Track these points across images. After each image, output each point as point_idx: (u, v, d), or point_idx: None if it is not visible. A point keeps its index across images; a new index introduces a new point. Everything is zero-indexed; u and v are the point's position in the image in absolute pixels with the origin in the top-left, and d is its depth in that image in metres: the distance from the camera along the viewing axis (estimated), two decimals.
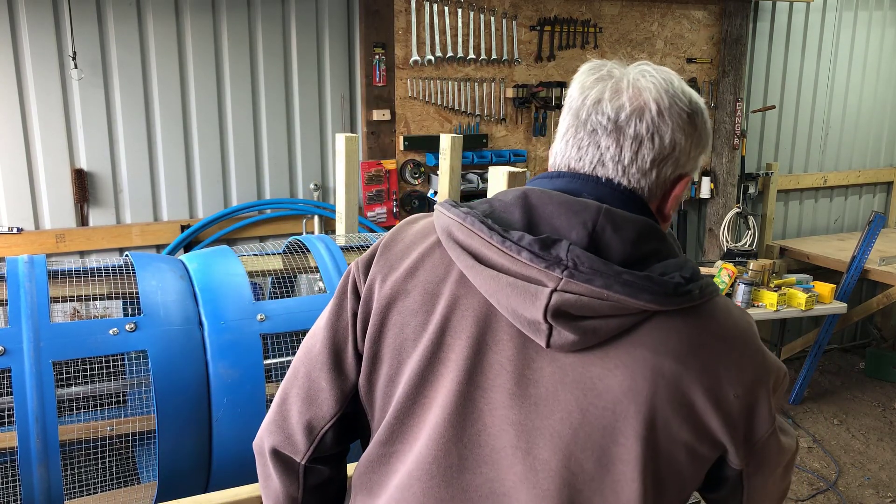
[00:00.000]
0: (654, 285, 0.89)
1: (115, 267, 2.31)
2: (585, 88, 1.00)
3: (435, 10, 3.67)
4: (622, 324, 0.91)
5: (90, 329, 2.06)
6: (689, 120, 0.97)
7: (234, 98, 3.44)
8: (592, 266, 0.89)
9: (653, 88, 0.96)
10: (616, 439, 0.92)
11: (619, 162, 0.96)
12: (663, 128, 0.96)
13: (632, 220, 0.93)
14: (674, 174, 0.99)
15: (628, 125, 0.95)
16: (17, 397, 1.90)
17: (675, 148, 0.97)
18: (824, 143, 5.15)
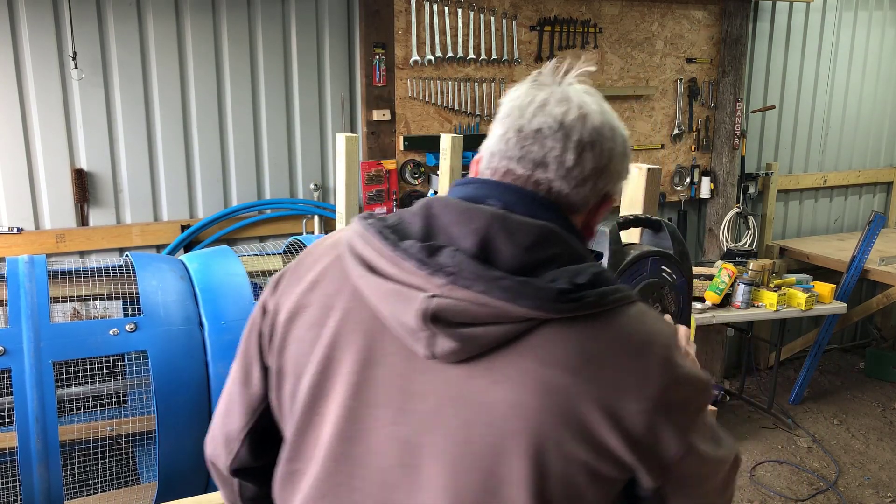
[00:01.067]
0: (534, 291, 0.86)
1: (115, 267, 2.31)
2: (531, 92, 0.99)
3: (435, 10, 3.67)
4: (507, 332, 0.87)
5: (90, 329, 2.06)
6: (621, 137, 0.99)
7: (234, 98, 3.44)
8: (473, 272, 0.87)
9: (593, 103, 0.98)
10: (502, 459, 0.87)
11: (563, 163, 0.95)
12: (604, 139, 0.96)
13: (529, 225, 0.91)
14: (604, 189, 0.99)
15: (573, 130, 0.95)
16: (17, 397, 1.90)
17: (612, 159, 0.98)
18: (824, 143, 5.15)
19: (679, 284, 1.55)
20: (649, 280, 1.51)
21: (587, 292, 0.87)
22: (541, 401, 0.86)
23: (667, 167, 4.53)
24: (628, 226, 1.57)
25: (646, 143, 4.41)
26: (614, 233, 1.48)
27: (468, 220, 0.91)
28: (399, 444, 0.92)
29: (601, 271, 0.92)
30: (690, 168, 4.58)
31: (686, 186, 4.60)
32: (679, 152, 4.55)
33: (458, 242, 0.90)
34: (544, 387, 0.86)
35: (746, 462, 3.93)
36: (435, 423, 0.90)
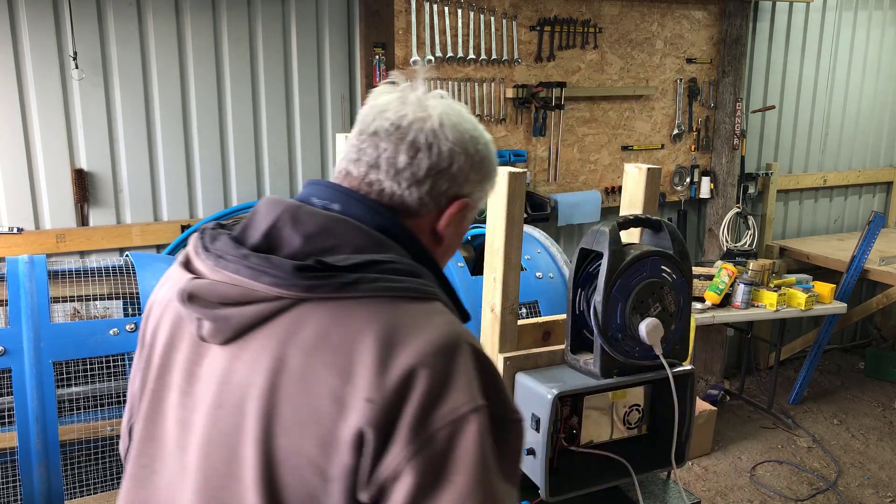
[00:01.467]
0: (274, 267, 0.85)
1: (116, 267, 2.31)
2: (376, 98, 1.03)
3: (435, 10, 3.67)
4: (258, 312, 0.86)
5: (90, 329, 2.06)
6: (471, 140, 0.98)
7: (234, 98, 3.44)
8: (231, 253, 0.88)
9: (439, 107, 0.98)
10: (241, 440, 0.85)
11: (394, 164, 0.95)
12: (442, 140, 0.96)
13: (316, 214, 0.91)
14: (450, 191, 0.98)
15: (409, 131, 0.95)
16: (17, 397, 1.90)
17: (453, 164, 0.96)
18: (824, 143, 5.15)
19: (679, 284, 1.55)
20: (649, 280, 1.51)
21: (338, 274, 0.84)
22: (272, 379, 0.83)
23: (667, 167, 4.53)
24: (628, 226, 1.57)
25: (646, 143, 4.41)
26: (614, 233, 1.48)
27: (268, 213, 0.92)
28: (179, 426, 0.94)
29: (388, 262, 0.88)
30: (690, 168, 4.58)
31: (686, 186, 4.60)
32: (679, 152, 4.55)
33: (253, 234, 0.91)
34: (278, 365, 0.83)
35: (746, 462, 3.93)
36: (202, 404, 0.91)
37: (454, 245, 1.06)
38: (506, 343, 1.63)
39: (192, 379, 0.94)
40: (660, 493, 1.71)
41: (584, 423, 1.60)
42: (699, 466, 3.88)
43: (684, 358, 1.61)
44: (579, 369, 1.58)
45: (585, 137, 4.22)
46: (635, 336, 1.50)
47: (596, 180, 4.31)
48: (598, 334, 1.49)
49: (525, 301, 2.53)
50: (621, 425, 1.66)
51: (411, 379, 0.80)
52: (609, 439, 1.65)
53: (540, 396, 1.51)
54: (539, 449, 1.51)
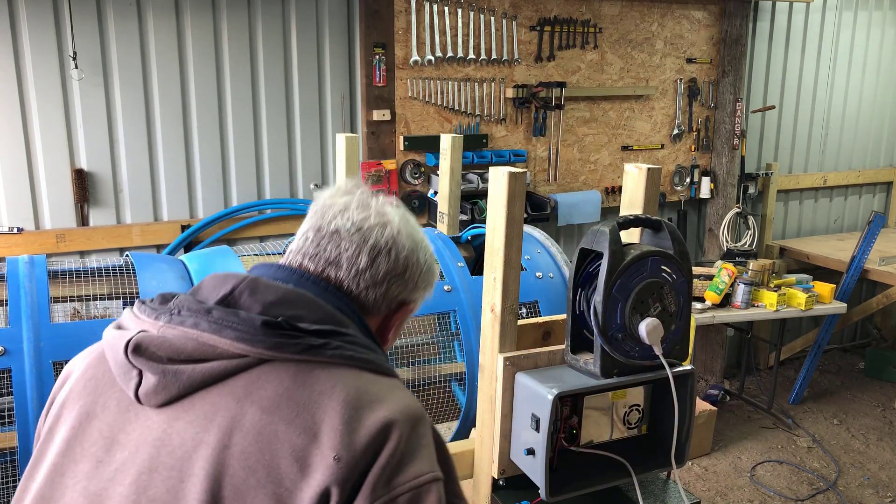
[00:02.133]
0: (239, 322, 0.84)
1: (116, 267, 2.31)
2: (334, 197, 1.03)
3: (435, 10, 3.67)
4: (214, 369, 0.83)
5: (90, 329, 2.06)
6: (422, 250, 1.04)
7: (234, 98, 3.44)
8: (189, 307, 0.87)
9: (397, 215, 1.02)
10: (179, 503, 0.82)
11: (355, 264, 0.97)
12: (401, 247, 1.00)
13: (278, 287, 0.91)
14: (400, 296, 1.02)
15: (370, 234, 0.98)
16: (17, 397, 1.90)
17: (408, 268, 1.01)
18: (824, 143, 5.15)
19: (679, 284, 1.55)
20: (649, 280, 1.50)
21: (305, 336, 0.85)
22: (225, 438, 0.81)
23: (667, 167, 4.53)
24: (628, 226, 1.56)
25: (646, 143, 4.42)
26: (614, 233, 1.48)
27: (223, 283, 0.92)
28: (87, 499, 0.88)
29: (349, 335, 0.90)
30: (690, 168, 4.58)
31: (686, 186, 4.60)
32: (679, 152, 4.55)
33: (207, 300, 0.90)
34: (233, 423, 0.81)
35: (746, 462, 3.93)
36: (125, 471, 0.86)
37: (390, 345, 1.10)
38: (506, 343, 1.63)
39: (112, 447, 0.88)
40: (660, 493, 1.71)
41: (584, 423, 1.60)
42: (699, 466, 3.88)
43: (684, 358, 1.61)
44: (579, 369, 1.58)
45: (585, 137, 4.22)
46: (635, 336, 1.50)
47: (596, 180, 4.31)
48: (598, 334, 1.49)
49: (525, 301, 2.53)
50: (621, 425, 1.66)
51: (380, 440, 0.82)
52: (609, 439, 1.65)
53: (540, 396, 1.51)
54: (539, 449, 1.51)
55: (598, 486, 1.61)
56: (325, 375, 0.85)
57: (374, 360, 0.91)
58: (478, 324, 2.31)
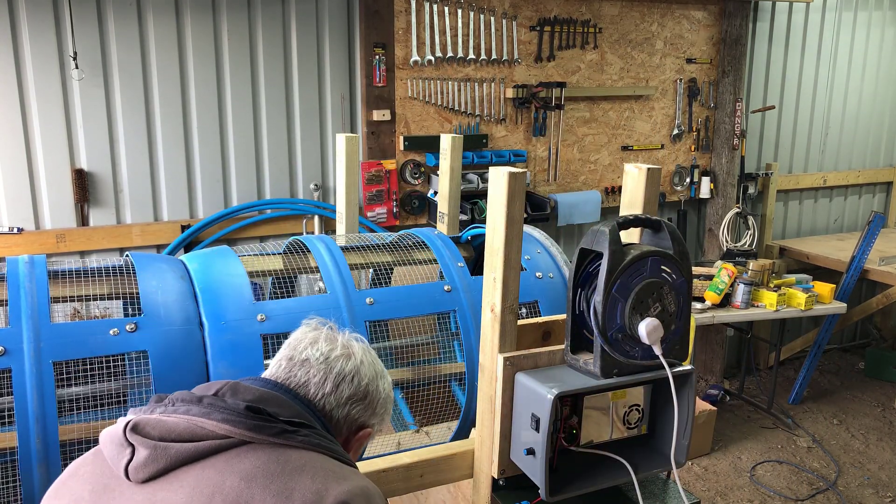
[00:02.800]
0: (226, 406, 0.99)
1: (116, 267, 2.31)
2: (306, 332, 1.20)
3: (435, 10, 3.67)
4: (199, 447, 0.96)
5: (90, 329, 2.06)
6: (381, 379, 1.21)
7: (234, 98, 3.44)
8: (183, 399, 1.03)
9: (359, 348, 1.20)
10: None
11: (321, 388, 1.13)
12: (363, 375, 1.17)
13: (257, 390, 1.07)
14: (360, 419, 1.18)
15: (336, 363, 1.15)
16: (17, 397, 1.90)
17: (368, 395, 1.17)
18: (824, 143, 5.15)
19: (679, 284, 1.55)
20: (649, 280, 1.50)
21: (281, 423, 1.00)
22: (209, 501, 0.93)
23: (667, 167, 4.53)
24: (628, 226, 1.56)
25: (646, 143, 4.42)
26: (614, 233, 1.48)
27: (207, 388, 1.07)
28: None
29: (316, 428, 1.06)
30: (690, 168, 4.58)
31: (686, 186, 4.60)
32: (679, 152, 4.55)
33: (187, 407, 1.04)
34: (214, 490, 0.93)
35: (746, 462, 3.93)
36: None
37: None
38: (506, 343, 1.63)
39: None
40: (659, 493, 1.71)
41: (584, 423, 1.60)
42: (699, 466, 3.89)
43: (684, 358, 1.60)
44: (579, 369, 1.58)
45: (585, 137, 4.22)
46: (635, 336, 1.50)
47: (596, 180, 4.31)
48: (598, 334, 1.49)
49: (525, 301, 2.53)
50: (621, 425, 1.66)
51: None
52: (609, 439, 1.65)
53: (540, 396, 1.50)
54: (539, 449, 1.51)
55: (598, 487, 1.61)
56: (297, 456, 0.99)
57: (338, 451, 1.07)
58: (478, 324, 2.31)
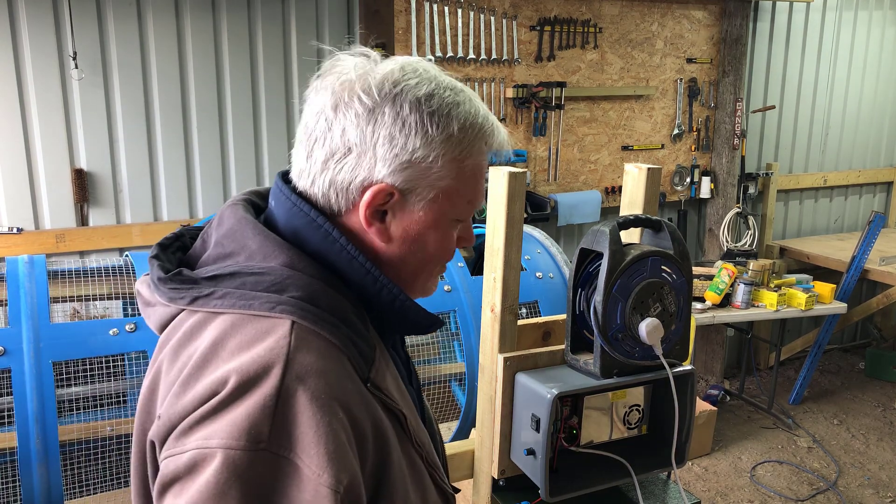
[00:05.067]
0: (151, 276, 0.89)
1: (115, 267, 2.31)
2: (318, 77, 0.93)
3: (435, 10, 3.67)
4: (158, 315, 0.89)
5: (90, 329, 2.06)
6: (370, 111, 0.83)
7: (234, 98, 3.44)
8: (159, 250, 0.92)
9: (335, 81, 0.88)
10: None
11: (299, 160, 0.88)
12: (335, 124, 0.84)
13: (232, 218, 0.87)
14: (356, 179, 0.83)
15: (310, 122, 0.87)
16: (17, 397, 1.90)
17: (349, 145, 0.83)
18: (824, 143, 5.15)
19: (679, 284, 1.54)
20: (649, 280, 1.50)
21: (195, 286, 0.82)
22: (147, 383, 0.88)
23: (667, 167, 4.53)
24: (628, 226, 1.56)
25: (646, 143, 4.41)
26: (614, 233, 1.48)
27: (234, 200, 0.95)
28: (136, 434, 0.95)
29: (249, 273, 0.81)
30: (690, 168, 4.58)
31: (686, 186, 4.60)
32: (679, 152, 4.55)
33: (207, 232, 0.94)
34: (151, 368, 0.89)
35: (746, 462, 3.93)
36: None
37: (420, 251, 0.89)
38: (506, 343, 1.63)
39: None
40: (660, 494, 1.71)
41: (584, 423, 1.60)
42: (699, 466, 3.88)
43: (684, 358, 1.60)
44: (579, 369, 1.58)
45: (585, 137, 4.22)
46: (635, 336, 1.50)
47: (596, 180, 4.31)
48: (598, 334, 1.49)
49: (525, 301, 2.53)
50: (621, 425, 1.66)
51: (195, 403, 0.75)
52: (609, 439, 1.65)
53: (540, 396, 1.50)
54: (539, 449, 1.51)
55: (599, 487, 1.61)
56: (208, 327, 0.80)
57: (262, 302, 0.78)
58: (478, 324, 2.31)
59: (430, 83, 0.84)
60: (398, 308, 0.87)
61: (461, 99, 0.85)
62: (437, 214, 0.86)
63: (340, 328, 0.80)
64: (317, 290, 0.81)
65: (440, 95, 0.84)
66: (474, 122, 0.86)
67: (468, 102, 0.86)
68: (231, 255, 0.84)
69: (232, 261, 0.84)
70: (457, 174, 0.85)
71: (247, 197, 0.94)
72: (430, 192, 0.85)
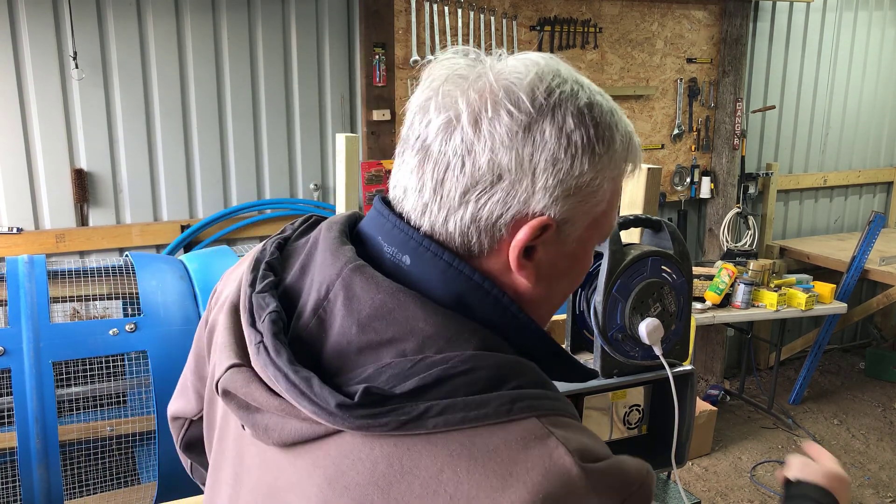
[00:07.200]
0: (315, 396, 0.62)
1: (115, 267, 2.31)
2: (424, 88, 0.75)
3: (435, 10, 3.67)
4: (302, 431, 0.65)
5: (90, 329, 2.06)
6: (526, 128, 0.66)
7: (234, 98, 3.44)
8: (273, 347, 0.66)
9: (466, 88, 0.68)
10: None
11: (419, 191, 0.68)
12: (477, 145, 0.65)
13: (377, 289, 0.66)
14: (507, 213, 0.66)
15: (435, 141, 0.68)
16: (16, 397, 1.90)
17: (499, 171, 0.65)
18: (824, 143, 5.15)
19: (679, 284, 1.54)
20: (649, 280, 1.50)
21: (397, 407, 0.61)
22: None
23: (667, 167, 4.53)
24: (628, 226, 1.56)
25: (646, 142, 4.41)
26: (614, 233, 1.48)
27: (322, 269, 0.70)
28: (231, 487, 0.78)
29: (457, 374, 0.62)
30: (690, 168, 4.58)
31: (686, 186, 4.60)
32: (679, 152, 4.55)
33: (305, 304, 0.69)
34: None
35: (747, 462, 3.93)
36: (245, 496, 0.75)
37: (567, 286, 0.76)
38: None
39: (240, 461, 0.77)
40: (660, 494, 1.71)
41: (584, 423, 1.60)
42: (699, 466, 3.88)
43: (684, 358, 1.60)
44: None
45: None
46: (635, 336, 1.50)
47: None
48: (598, 334, 1.49)
49: None
50: (621, 425, 1.66)
51: None
52: (609, 439, 1.65)
53: None
54: None
55: None
56: (429, 457, 0.61)
57: (496, 406, 0.62)
58: None
59: (583, 88, 0.71)
60: (563, 365, 0.77)
61: (613, 105, 0.74)
62: (588, 244, 0.74)
63: (560, 398, 0.68)
64: (525, 369, 0.67)
65: (598, 103, 0.71)
66: (628, 132, 0.74)
67: (618, 109, 0.74)
68: (392, 343, 0.65)
69: (394, 350, 0.64)
70: (611, 196, 0.72)
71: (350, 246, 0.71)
72: (587, 220, 0.71)
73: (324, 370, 0.65)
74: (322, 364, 0.66)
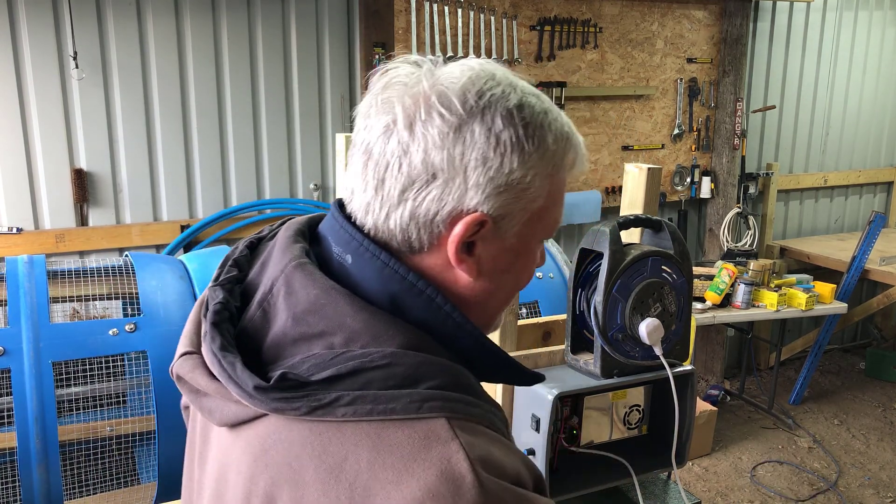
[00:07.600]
0: (239, 379, 0.67)
1: (115, 267, 2.31)
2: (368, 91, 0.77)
3: (435, 10, 3.66)
4: (237, 413, 0.70)
5: (90, 329, 2.06)
6: (457, 129, 0.70)
7: (234, 98, 3.44)
8: (210, 335, 0.71)
9: (402, 94, 0.73)
10: None
11: (363, 191, 0.72)
12: (413, 146, 0.69)
13: (312, 286, 0.70)
14: (443, 210, 0.70)
15: (376, 144, 0.71)
16: (16, 397, 1.90)
17: (433, 170, 0.69)
18: (824, 143, 5.15)
19: (679, 284, 1.54)
20: (649, 280, 1.50)
21: (310, 392, 0.65)
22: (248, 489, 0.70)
23: (667, 167, 4.53)
24: (628, 226, 1.56)
25: (646, 142, 4.41)
26: (614, 233, 1.48)
27: (274, 264, 0.75)
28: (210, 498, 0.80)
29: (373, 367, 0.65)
30: (691, 168, 4.58)
31: (686, 186, 4.60)
32: (679, 152, 4.55)
33: (257, 294, 0.74)
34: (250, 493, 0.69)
35: (747, 462, 3.93)
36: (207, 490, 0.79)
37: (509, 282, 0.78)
38: (506, 343, 1.63)
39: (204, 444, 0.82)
40: (660, 494, 1.71)
41: (584, 423, 1.60)
42: (699, 467, 3.88)
43: (684, 358, 1.60)
44: (579, 370, 1.58)
45: (586, 137, 4.19)
46: (635, 336, 1.50)
47: (596, 180, 4.31)
48: (598, 334, 1.49)
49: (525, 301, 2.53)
50: (621, 425, 1.66)
51: None
52: (609, 440, 1.65)
53: (540, 396, 1.50)
54: (539, 449, 1.51)
55: (599, 487, 1.60)
56: (336, 444, 0.64)
57: (406, 403, 0.64)
58: None
59: (514, 90, 0.73)
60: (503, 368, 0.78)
61: (548, 106, 0.75)
62: (528, 238, 0.76)
63: (482, 405, 0.69)
64: (445, 370, 0.69)
65: (529, 104, 0.73)
66: (563, 131, 0.75)
67: (554, 110, 0.76)
68: (322, 336, 0.69)
69: (323, 342, 0.68)
70: (549, 192, 0.75)
71: (301, 244, 0.75)
72: (524, 216, 0.74)
73: (263, 359, 0.70)
74: (262, 354, 0.71)
